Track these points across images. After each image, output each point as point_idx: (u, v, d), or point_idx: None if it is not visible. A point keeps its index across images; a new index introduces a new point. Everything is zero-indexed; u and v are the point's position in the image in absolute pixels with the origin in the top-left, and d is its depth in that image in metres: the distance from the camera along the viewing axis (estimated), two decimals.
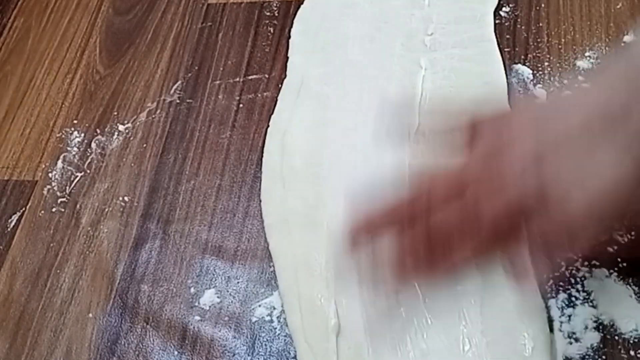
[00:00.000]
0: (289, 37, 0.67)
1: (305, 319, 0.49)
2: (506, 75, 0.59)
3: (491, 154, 0.40)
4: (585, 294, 0.48)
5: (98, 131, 0.66)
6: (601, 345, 0.46)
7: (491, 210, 0.38)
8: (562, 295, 0.49)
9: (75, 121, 0.68)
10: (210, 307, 0.54)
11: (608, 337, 0.47)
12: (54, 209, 0.62)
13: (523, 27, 0.62)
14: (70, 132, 0.67)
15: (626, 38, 0.59)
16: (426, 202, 0.41)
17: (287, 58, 0.66)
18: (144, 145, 0.64)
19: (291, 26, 0.68)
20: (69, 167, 0.65)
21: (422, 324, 0.48)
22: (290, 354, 0.50)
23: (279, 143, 0.59)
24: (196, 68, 0.68)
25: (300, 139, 0.59)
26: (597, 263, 0.49)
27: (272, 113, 0.62)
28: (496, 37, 0.61)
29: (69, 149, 0.66)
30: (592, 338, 0.46)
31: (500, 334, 0.46)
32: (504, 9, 0.64)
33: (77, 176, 0.64)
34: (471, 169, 0.41)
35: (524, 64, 0.60)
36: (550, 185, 0.37)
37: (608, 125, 0.35)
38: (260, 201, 0.58)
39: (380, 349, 0.47)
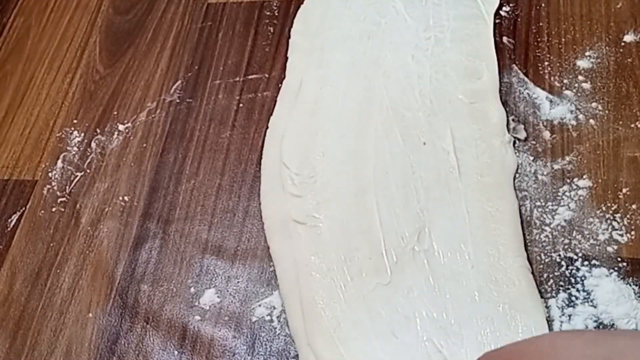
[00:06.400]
0: (289, 36, 0.67)
1: (307, 323, 0.49)
2: (506, 75, 0.59)
3: None
4: (585, 294, 0.48)
5: (98, 131, 0.66)
6: None
7: None
8: (562, 295, 0.49)
9: (75, 121, 0.68)
10: (210, 307, 0.54)
11: None
12: (54, 209, 0.62)
13: (523, 27, 0.62)
14: (70, 131, 0.67)
15: (626, 38, 0.59)
16: None
17: (287, 58, 0.66)
18: (144, 145, 0.64)
19: (291, 26, 0.68)
20: (69, 167, 0.65)
21: (424, 320, 0.48)
22: (290, 353, 0.50)
23: (277, 147, 0.59)
24: (196, 68, 0.68)
25: (297, 143, 0.59)
26: (597, 263, 0.49)
27: (272, 113, 0.62)
28: (496, 37, 0.62)
29: (69, 148, 0.66)
30: None
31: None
32: (504, 8, 0.64)
33: (77, 176, 0.64)
34: None
35: (524, 64, 0.60)
36: None
37: None
38: (260, 202, 0.58)
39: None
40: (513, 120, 0.57)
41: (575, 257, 0.50)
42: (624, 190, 0.52)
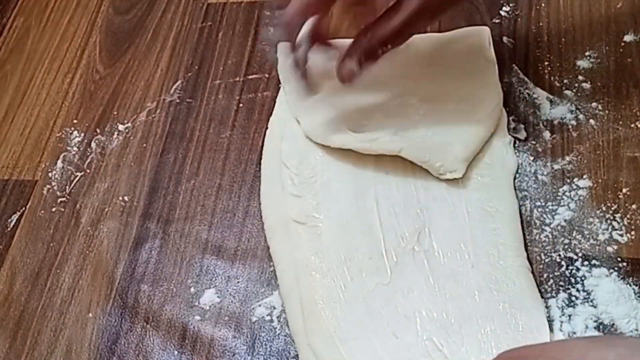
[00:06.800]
0: None
1: (307, 323, 0.49)
2: (506, 75, 0.59)
3: None
4: (585, 294, 0.48)
5: (98, 131, 0.66)
6: None
7: None
8: (562, 295, 0.49)
9: (75, 121, 0.68)
10: (210, 307, 0.54)
11: None
12: (54, 209, 0.62)
13: (523, 27, 0.62)
14: (70, 131, 0.67)
15: (626, 38, 0.59)
16: None
17: None
18: (144, 145, 0.64)
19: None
20: (69, 167, 0.65)
21: (423, 317, 0.48)
22: (290, 353, 0.50)
23: (277, 147, 0.59)
24: (196, 68, 0.68)
25: (297, 143, 0.58)
26: (597, 263, 0.49)
27: (272, 113, 0.62)
28: (496, 37, 0.61)
29: (69, 148, 0.66)
30: None
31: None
32: (504, 8, 0.64)
33: (77, 176, 0.64)
34: None
35: (524, 64, 0.60)
36: None
37: None
38: (260, 202, 0.58)
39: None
40: (513, 120, 0.57)
41: (575, 257, 0.50)
42: (624, 190, 0.52)
